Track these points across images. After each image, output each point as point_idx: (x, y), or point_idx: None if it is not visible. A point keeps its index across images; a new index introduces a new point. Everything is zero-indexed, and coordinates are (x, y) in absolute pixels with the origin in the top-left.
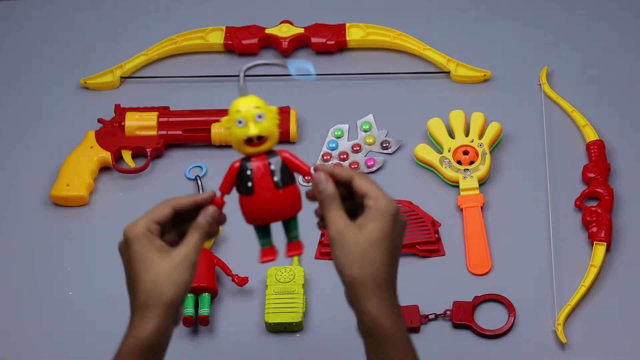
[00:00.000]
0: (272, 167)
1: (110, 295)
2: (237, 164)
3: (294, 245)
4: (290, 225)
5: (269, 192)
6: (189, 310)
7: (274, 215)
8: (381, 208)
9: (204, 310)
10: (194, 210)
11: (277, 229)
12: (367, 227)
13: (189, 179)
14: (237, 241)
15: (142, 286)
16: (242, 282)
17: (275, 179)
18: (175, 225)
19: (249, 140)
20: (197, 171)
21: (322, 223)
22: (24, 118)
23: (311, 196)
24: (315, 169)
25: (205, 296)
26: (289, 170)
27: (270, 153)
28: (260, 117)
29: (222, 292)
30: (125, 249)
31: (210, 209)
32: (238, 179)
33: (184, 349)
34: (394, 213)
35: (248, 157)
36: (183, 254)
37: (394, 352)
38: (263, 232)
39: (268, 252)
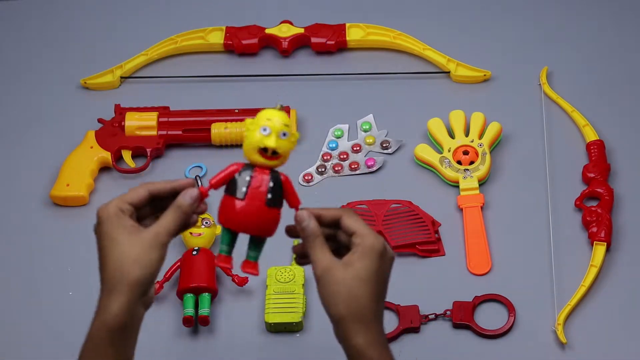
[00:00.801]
0: (271, 184)
1: None
2: (238, 167)
3: (252, 264)
4: (257, 245)
5: (258, 204)
6: (189, 310)
7: (251, 228)
8: (368, 246)
9: (204, 310)
10: (171, 196)
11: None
12: (354, 265)
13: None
14: (237, 241)
15: (109, 266)
16: (242, 282)
17: (269, 196)
18: (155, 211)
19: (263, 150)
20: (197, 171)
21: (301, 260)
22: (24, 118)
23: (293, 233)
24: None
25: (205, 296)
26: (282, 194)
27: (274, 172)
28: (284, 134)
29: (222, 292)
30: (97, 229)
31: (192, 190)
32: (233, 180)
33: (184, 349)
34: (381, 250)
35: (251, 165)
36: (152, 234)
37: None
38: (230, 239)
39: (225, 259)
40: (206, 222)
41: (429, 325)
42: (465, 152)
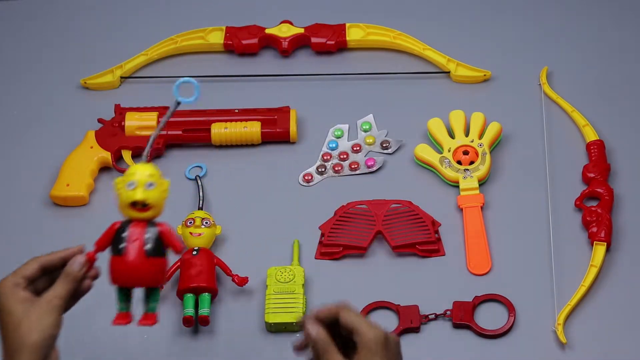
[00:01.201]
0: (147, 235)
1: (110, 295)
2: (118, 224)
3: (149, 316)
4: (150, 296)
5: (137, 257)
6: (189, 310)
7: (137, 281)
8: (371, 342)
9: (204, 310)
10: (62, 266)
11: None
12: None
13: (189, 179)
14: (237, 241)
15: (9, 335)
16: (242, 282)
17: (147, 247)
18: (50, 282)
19: (134, 204)
20: (197, 171)
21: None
22: (24, 118)
23: (301, 347)
24: (301, 320)
25: (205, 296)
26: (162, 243)
27: (151, 223)
28: (150, 185)
29: (222, 292)
30: None
31: (79, 257)
32: (114, 238)
33: (183, 349)
34: (383, 342)
35: (129, 221)
36: (45, 300)
37: None
38: (124, 295)
39: (123, 316)
40: (206, 222)
41: (429, 325)
42: (465, 152)
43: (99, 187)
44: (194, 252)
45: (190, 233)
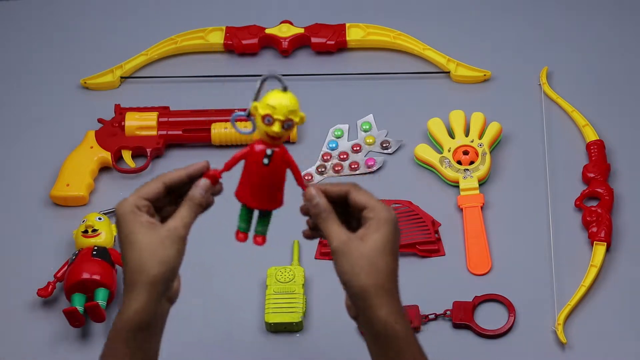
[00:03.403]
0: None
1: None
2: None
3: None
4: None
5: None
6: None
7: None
8: (382, 218)
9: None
10: (188, 183)
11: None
12: (371, 237)
13: None
14: (237, 241)
15: (129, 265)
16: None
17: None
18: (173, 201)
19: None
20: None
21: (313, 233)
22: (24, 118)
23: (304, 211)
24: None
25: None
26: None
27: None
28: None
29: (222, 292)
30: (117, 227)
31: (203, 182)
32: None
33: (183, 349)
34: (395, 222)
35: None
36: (169, 228)
37: (408, 355)
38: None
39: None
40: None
41: (429, 325)
42: (465, 152)
43: (99, 187)
44: None
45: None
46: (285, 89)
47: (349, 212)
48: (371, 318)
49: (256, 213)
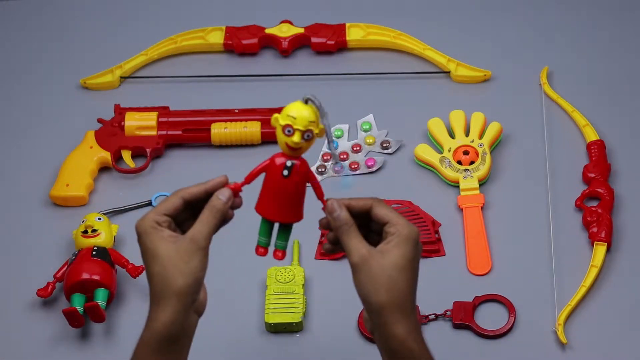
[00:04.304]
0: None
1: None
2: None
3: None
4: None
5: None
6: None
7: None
8: (404, 235)
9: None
10: (206, 198)
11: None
12: (391, 253)
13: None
14: (237, 242)
15: (154, 279)
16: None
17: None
18: (193, 216)
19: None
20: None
21: (333, 247)
22: (24, 118)
23: (324, 225)
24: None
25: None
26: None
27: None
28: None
29: (222, 292)
30: (139, 243)
31: (225, 190)
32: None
33: None
34: (416, 239)
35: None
36: (190, 240)
37: None
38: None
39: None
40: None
41: (429, 325)
42: (466, 152)
43: (98, 187)
44: None
45: None
46: (306, 102)
47: (369, 227)
48: (387, 335)
49: (276, 227)
